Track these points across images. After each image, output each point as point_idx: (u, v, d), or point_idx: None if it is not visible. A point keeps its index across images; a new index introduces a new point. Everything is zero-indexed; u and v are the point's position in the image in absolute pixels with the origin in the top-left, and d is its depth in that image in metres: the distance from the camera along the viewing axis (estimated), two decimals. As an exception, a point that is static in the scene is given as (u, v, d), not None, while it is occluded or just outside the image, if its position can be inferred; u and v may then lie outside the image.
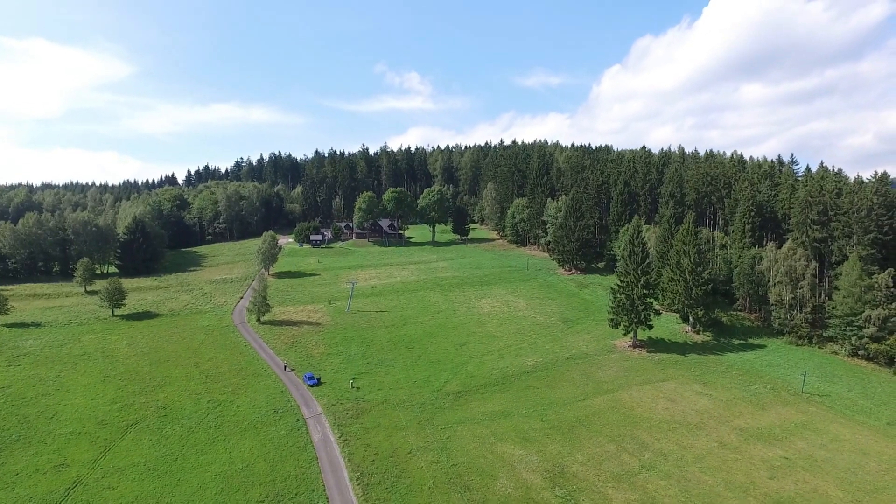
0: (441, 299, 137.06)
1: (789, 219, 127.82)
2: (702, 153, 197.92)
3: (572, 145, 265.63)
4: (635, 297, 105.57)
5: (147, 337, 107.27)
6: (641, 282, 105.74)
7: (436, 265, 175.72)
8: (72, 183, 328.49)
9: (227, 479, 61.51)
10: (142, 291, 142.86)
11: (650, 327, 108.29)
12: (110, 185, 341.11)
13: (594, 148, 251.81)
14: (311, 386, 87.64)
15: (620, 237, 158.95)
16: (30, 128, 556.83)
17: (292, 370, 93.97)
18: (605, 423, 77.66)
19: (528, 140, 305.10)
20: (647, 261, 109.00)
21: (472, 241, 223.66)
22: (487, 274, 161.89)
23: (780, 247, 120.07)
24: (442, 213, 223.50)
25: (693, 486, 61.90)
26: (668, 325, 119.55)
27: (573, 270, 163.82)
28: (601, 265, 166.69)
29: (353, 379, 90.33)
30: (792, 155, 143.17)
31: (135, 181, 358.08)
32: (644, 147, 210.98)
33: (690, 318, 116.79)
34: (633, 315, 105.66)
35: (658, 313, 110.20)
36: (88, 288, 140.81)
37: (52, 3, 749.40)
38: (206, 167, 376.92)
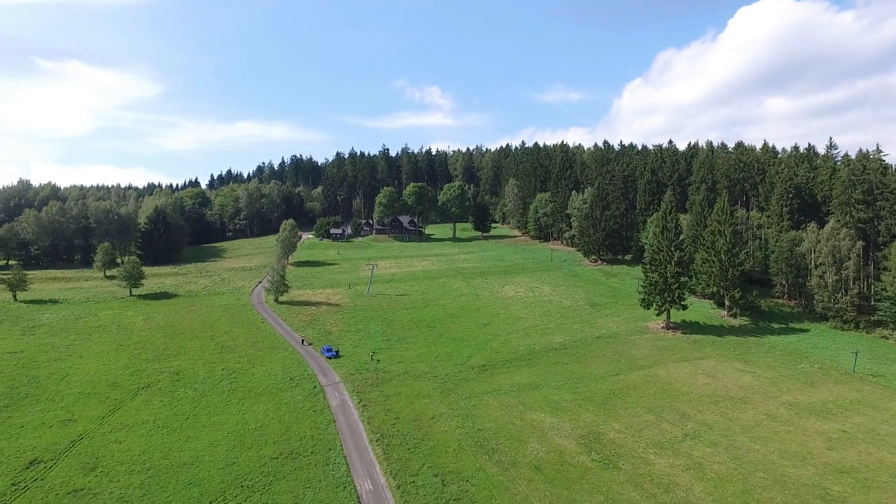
0: (463, 285, 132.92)
1: (830, 201, 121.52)
2: (730, 146, 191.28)
3: (595, 145, 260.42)
4: (668, 275, 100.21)
5: (163, 313, 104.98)
6: (675, 258, 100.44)
7: (457, 257, 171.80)
8: (97, 185, 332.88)
9: (239, 437, 57.95)
10: (160, 277, 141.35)
11: (684, 307, 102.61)
12: (134, 185, 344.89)
13: (618, 148, 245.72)
14: (330, 358, 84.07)
15: (648, 227, 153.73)
16: (60, 146, 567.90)
17: (310, 344, 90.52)
18: (641, 395, 72.49)
19: (550, 144, 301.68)
20: (681, 237, 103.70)
21: (494, 237, 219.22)
22: (510, 265, 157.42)
23: (821, 228, 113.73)
24: (463, 210, 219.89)
25: (744, 455, 56.47)
26: (702, 309, 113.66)
27: (599, 261, 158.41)
28: (628, 257, 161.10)
29: (374, 353, 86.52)
30: (830, 139, 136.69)
31: (158, 183, 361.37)
32: (670, 141, 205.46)
33: (726, 302, 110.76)
34: (666, 294, 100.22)
35: (693, 291, 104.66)
36: (108, 273, 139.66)
37: (89, 27, 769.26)
38: (229, 171, 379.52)
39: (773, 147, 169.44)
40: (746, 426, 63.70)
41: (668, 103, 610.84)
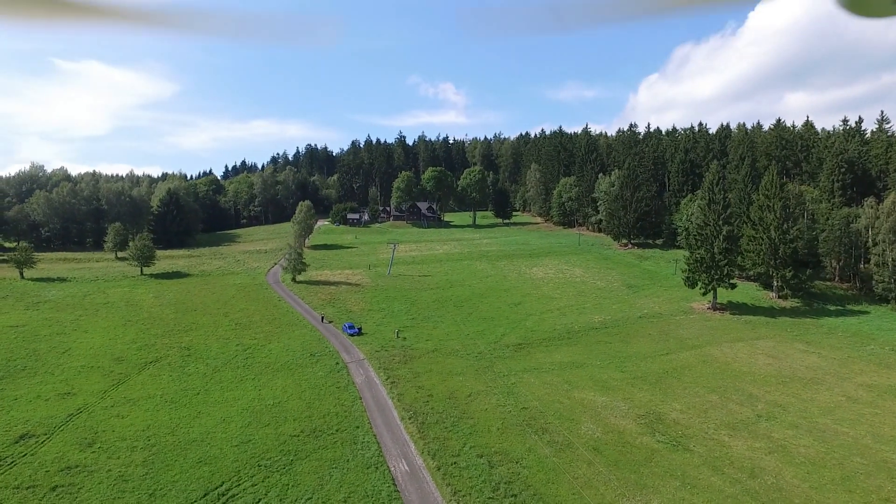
0: (488, 267, 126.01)
1: (886, 175, 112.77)
2: (766, 126, 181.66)
3: (620, 130, 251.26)
4: (716, 251, 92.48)
5: (175, 291, 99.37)
6: (723, 233, 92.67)
7: (479, 242, 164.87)
8: (111, 175, 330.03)
9: (255, 413, 51.64)
10: (173, 259, 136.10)
11: (732, 286, 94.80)
12: (147, 173, 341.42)
13: (643, 132, 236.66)
14: (352, 335, 77.69)
15: (682, 208, 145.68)
16: (79, 146, 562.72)
17: (330, 322, 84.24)
18: (698, 375, 65.16)
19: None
20: (729, 210, 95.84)
21: (515, 224, 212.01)
22: (536, 248, 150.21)
23: (880, 203, 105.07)
24: (483, 196, 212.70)
25: (831, 437, 48.98)
26: (747, 291, 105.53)
27: (629, 245, 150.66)
28: (659, 241, 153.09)
29: (399, 330, 79.99)
30: (882, 112, 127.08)
31: (172, 172, 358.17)
32: (701, 124, 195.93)
33: (775, 283, 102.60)
34: (713, 272, 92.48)
35: (742, 268, 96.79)
36: (119, 255, 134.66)
37: (108, 27, 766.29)
38: (243, 162, 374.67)
39: (813, 124, 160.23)
40: (825, 408, 56.12)
41: (685, 99, 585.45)
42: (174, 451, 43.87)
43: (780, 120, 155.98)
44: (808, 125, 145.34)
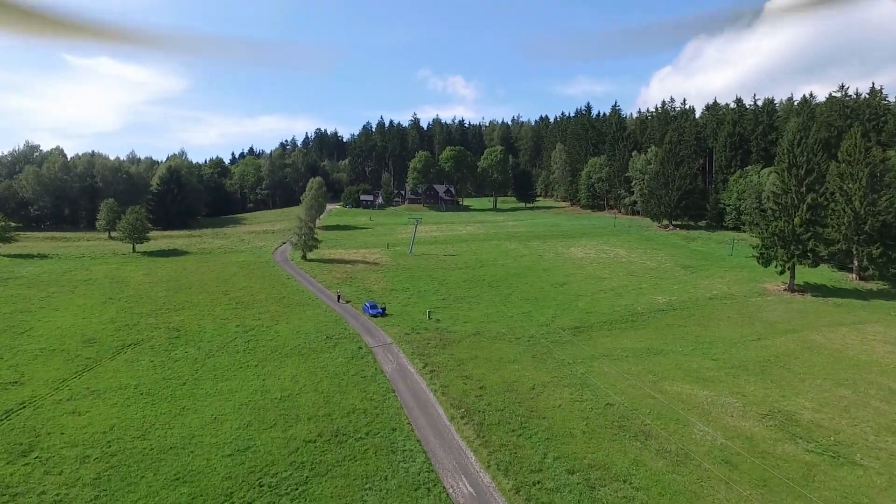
0: (520, 247, 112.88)
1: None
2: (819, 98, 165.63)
3: (649, 109, 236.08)
4: (796, 223, 78.79)
5: (169, 269, 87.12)
6: (807, 201, 78.96)
7: (504, 223, 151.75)
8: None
9: (257, 410, 39.05)
10: (171, 238, 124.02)
11: (816, 264, 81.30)
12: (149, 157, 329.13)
13: (679, 110, 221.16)
14: (374, 316, 64.99)
15: (730, 186, 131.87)
16: (90, 141, 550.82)
17: (347, 302, 71.61)
18: (809, 364, 51.91)
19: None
20: (813, 175, 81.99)
21: (540, 208, 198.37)
22: (568, 230, 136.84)
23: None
24: (505, 177, 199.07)
25: None
26: (822, 272, 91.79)
27: (671, 227, 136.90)
28: (703, 223, 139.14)
29: (431, 311, 67.18)
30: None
31: (174, 153, 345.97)
32: (739, 99, 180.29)
33: (856, 263, 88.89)
34: (794, 247, 78.78)
35: (829, 242, 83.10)
36: (113, 234, 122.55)
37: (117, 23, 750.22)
38: (251, 149, 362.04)
39: (880, 90, 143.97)
40: None
41: (698, 92, 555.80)
42: (142, 464, 31.33)
43: (843, 85, 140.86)
44: (875, 91, 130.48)
